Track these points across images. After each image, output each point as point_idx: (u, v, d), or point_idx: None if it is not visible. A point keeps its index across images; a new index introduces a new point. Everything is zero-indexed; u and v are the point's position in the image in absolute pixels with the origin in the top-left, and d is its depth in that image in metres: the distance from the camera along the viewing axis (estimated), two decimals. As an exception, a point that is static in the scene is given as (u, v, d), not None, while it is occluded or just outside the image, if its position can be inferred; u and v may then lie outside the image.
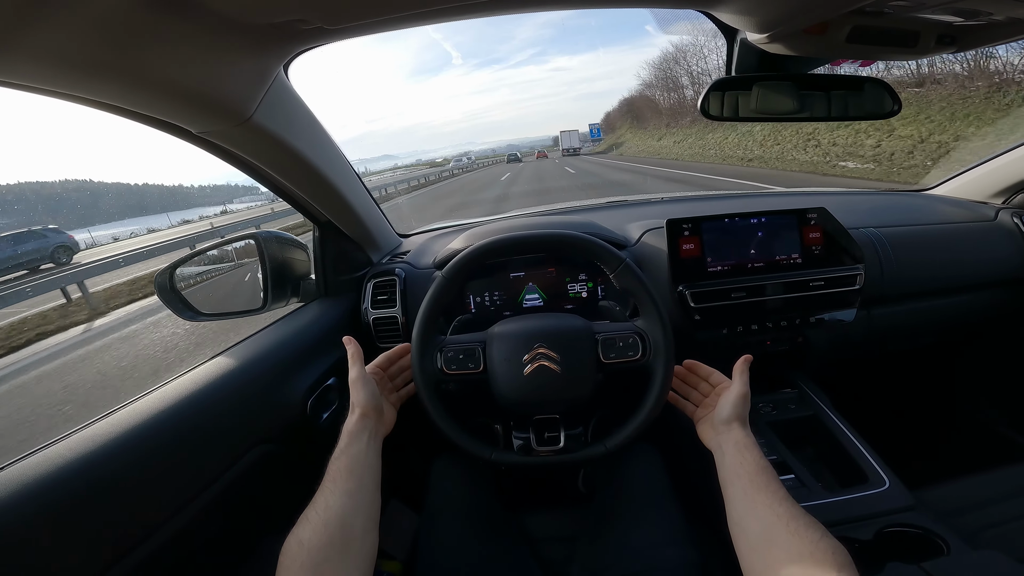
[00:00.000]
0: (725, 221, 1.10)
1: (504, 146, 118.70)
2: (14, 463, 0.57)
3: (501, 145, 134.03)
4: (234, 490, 0.76)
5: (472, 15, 0.64)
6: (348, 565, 0.57)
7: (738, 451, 0.68)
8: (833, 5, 0.60)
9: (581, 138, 58.49)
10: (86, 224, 45.73)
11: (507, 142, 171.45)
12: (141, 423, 0.67)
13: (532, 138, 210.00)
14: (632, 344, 0.80)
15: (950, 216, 1.38)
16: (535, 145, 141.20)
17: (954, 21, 0.68)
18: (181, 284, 0.97)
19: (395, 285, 1.14)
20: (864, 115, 0.90)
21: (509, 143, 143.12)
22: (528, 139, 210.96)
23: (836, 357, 1.31)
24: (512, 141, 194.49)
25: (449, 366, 0.81)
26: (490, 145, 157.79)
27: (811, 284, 1.06)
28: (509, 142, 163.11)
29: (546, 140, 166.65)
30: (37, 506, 0.53)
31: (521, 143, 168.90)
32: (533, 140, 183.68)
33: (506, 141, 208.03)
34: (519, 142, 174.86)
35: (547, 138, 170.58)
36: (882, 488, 0.90)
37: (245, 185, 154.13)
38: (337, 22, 0.59)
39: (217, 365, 0.84)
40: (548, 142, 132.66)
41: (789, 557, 0.53)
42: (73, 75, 0.52)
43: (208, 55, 0.58)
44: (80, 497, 0.57)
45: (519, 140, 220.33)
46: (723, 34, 0.83)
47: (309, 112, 0.89)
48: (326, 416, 0.96)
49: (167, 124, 0.69)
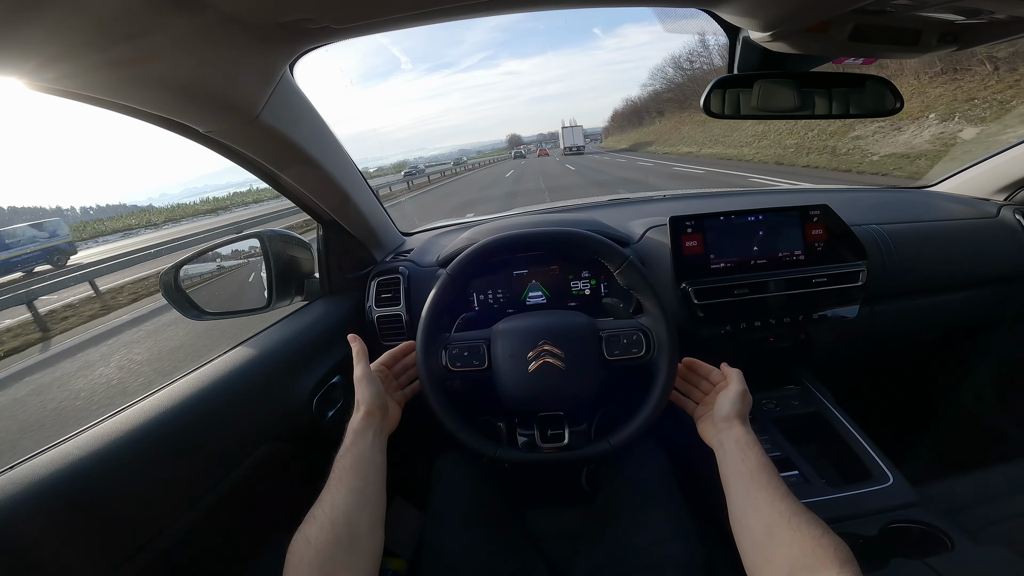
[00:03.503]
0: (729, 218, 1.10)
1: (456, 151, 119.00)
2: (21, 463, 0.58)
3: (453, 151, 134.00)
4: (241, 488, 0.76)
5: (478, 14, 0.64)
6: (355, 563, 0.58)
7: (739, 448, 0.68)
8: (835, 4, 0.60)
9: (586, 134, 57.04)
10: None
11: (459, 147, 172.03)
12: (148, 422, 0.67)
13: (484, 142, 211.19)
14: (636, 341, 0.81)
15: (952, 213, 1.38)
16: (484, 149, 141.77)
17: (955, 20, 0.68)
18: (186, 283, 0.97)
19: (399, 283, 1.15)
20: (866, 112, 0.90)
21: (461, 148, 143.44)
22: (480, 143, 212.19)
23: (839, 354, 1.31)
24: (464, 146, 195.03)
25: (454, 363, 0.82)
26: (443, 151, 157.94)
27: (814, 281, 1.06)
28: (461, 147, 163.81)
29: (499, 144, 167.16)
30: (46, 505, 0.54)
31: (473, 148, 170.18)
32: (484, 144, 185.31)
33: (458, 146, 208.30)
34: (471, 147, 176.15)
35: (500, 142, 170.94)
36: (886, 484, 0.90)
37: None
38: (344, 21, 0.60)
39: (223, 363, 0.84)
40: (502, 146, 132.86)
41: (791, 553, 0.54)
42: (82, 74, 0.53)
43: (217, 54, 0.58)
44: (89, 496, 0.57)
45: (471, 145, 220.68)
46: (725, 33, 0.83)
47: (314, 111, 0.89)
48: (331, 414, 0.97)
49: (174, 123, 0.70)
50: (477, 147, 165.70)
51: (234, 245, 1.10)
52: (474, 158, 68.65)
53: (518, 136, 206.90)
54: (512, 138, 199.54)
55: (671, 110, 44.30)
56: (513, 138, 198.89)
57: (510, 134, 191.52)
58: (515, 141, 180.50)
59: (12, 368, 5.26)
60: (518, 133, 62.75)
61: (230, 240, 1.08)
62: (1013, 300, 1.33)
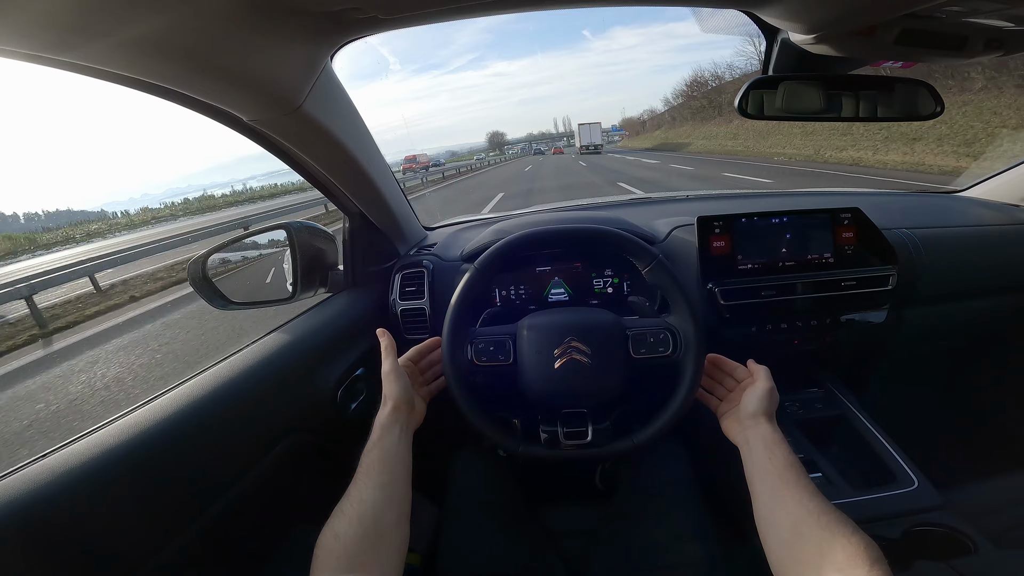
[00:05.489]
0: (756, 220, 1.09)
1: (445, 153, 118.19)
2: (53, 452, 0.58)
3: (441, 152, 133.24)
4: (267, 479, 0.77)
5: (522, 8, 0.63)
6: (382, 558, 0.58)
7: (766, 446, 0.67)
8: (887, 8, 0.59)
9: (603, 133, 56.06)
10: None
11: (448, 148, 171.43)
12: (176, 413, 0.67)
13: (471, 144, 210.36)
14: (663, 340, 0.80)
15: (982, 218, 1.36)
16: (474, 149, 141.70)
17: (1003, 26, 0.67)
18: (212, 273, 0.98)
19: (423, 277, 1.15)
20: (898, 116, 0.89)
21: (449, 149, 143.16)
22: (468, 144, 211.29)
23: (865, 357, 1.30)
24: (453, 147, 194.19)
25: (479, 358, 0.82)
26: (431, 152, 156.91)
27: (843, 284, 1.05)
28: (450, 148, 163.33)
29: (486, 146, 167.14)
30: (82, 495, 0.54)
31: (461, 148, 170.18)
32: (473, 146, 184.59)
33: (447, 147, 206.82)
34: (459, 148, 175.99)
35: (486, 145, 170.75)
36: (911, 488, 0.90)
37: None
38: (391, 12, 0.59)
39: (249, 354, 0.85)
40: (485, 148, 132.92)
41: (820, 552, 0.53)
42: (126, 54, 0.52)
43: (266, 42, 0.58)
44: (116, 489, 0.57)
45: (459, 146, 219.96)
46: (763, 34, 0.82)
47: (351, 102, 0.89)
48: (354, 406, 0.97)
49: (219, 112, 0.69)
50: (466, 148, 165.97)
51: (260, 236, 1.11)
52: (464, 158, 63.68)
53: (501, 134, 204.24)
54: (493, 136, 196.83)
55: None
56: (494, 136, 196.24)
57: (491, 131, 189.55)
58: (497, 141, 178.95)
59: None
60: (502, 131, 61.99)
61: (257, 231, 1.09)
62: None
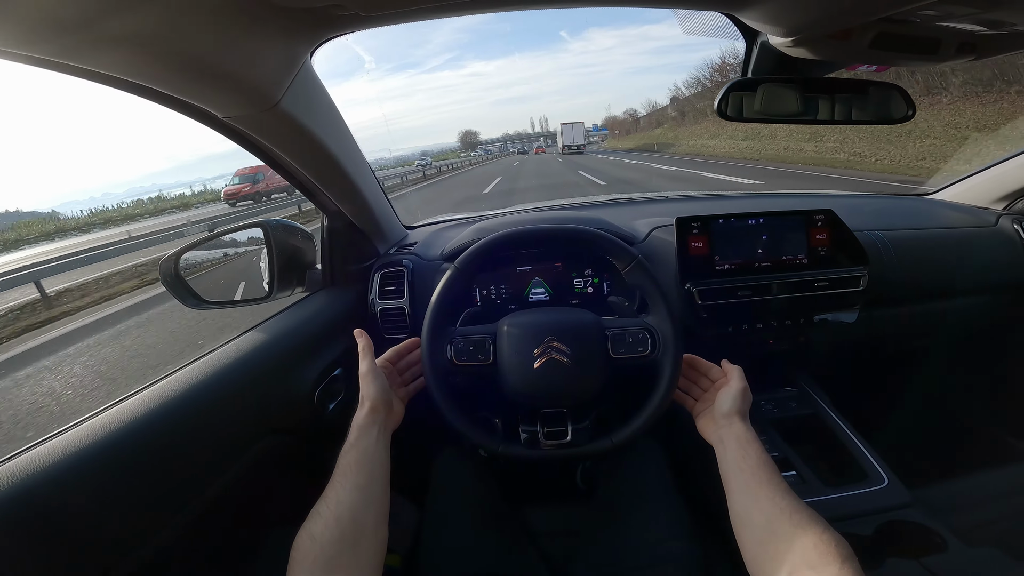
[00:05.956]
0: (733, 221, 1.10)
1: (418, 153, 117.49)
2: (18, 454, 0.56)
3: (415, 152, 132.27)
4: (243, 480, 0.75)
5: (507, 7, 0.63)
6: (360, 560, 0.58)
7: (739, 445, 0.68)
8: (862, 11, 0.60)
9: (586, 133, 55.85)
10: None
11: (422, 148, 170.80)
12: (150, 412, 0.66)
13: (446, 144, 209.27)
14: (641, 340, 0.81)
15: (952, 221, 1.40)
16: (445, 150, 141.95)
17: (976, 30, 0.69)
18: (186, 271, 0.96)
19: (403, 276, 1.14)
20: (872, 119, 0.90)
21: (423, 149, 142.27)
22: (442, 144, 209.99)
23: (837, 357, 1.32)
24: (427, 147, 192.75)
25: (459, 357, 0.81)
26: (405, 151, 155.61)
27: (816, 284, 1.07)
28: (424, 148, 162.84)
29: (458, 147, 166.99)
30: (38, 500, 0.52)
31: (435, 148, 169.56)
32: (446, 146, 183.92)
33: (421, 147, 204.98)
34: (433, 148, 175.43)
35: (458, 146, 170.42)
36: (881, 485, 0.92)
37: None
38: (373, 9, 0.58)
39: (226, 353, 0.83)
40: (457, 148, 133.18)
41: (793, 549, 0.54)
42: (97, 48, 0.50)
43: (244, 38, 0.56)
44: (89, 489, 0.56)
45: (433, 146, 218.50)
46: (743, 36, 0.83)
47: (330, 100, 0.88)
48: (332, 407, 0.96)
49: (193, 108, 0.68)
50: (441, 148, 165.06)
51: (236, 234, 1.08)
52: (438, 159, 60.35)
53: (474, 133, 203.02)
54: (465, 135, 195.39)
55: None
56: (466, 136, 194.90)
57: (464, 130, 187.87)
58: (469, 141, 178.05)
59: None
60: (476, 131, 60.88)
61: (232, 229, 1.06)
62: (1007, 309, 1.35)
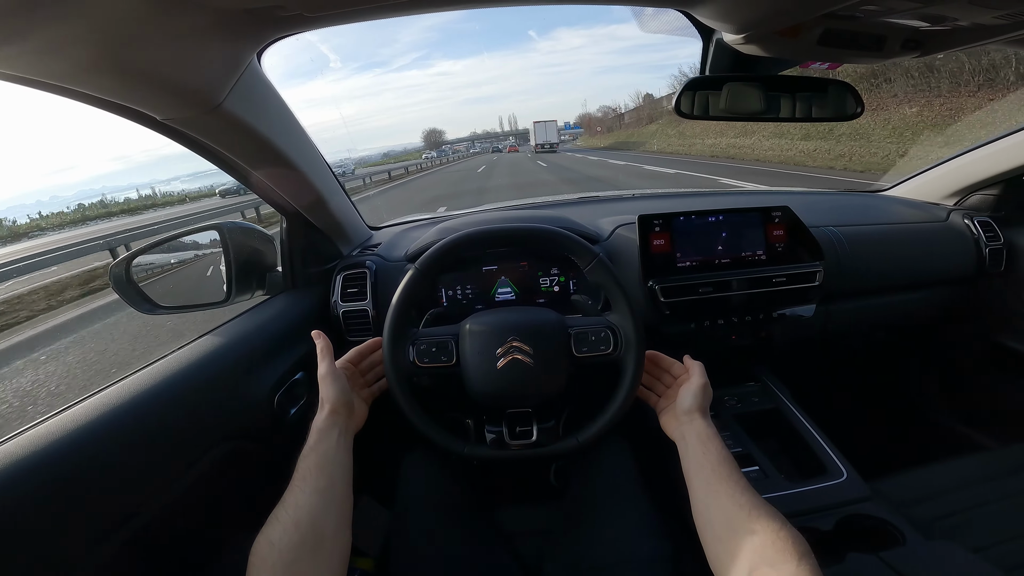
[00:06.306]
0: (694, 218, 1.11)
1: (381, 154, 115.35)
2: None
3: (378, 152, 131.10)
4: (199, 488, 0.73)
5: (457, 6, 0.62)
6: (320, 565, 0.56)
7: (700, 442, 0.69)
8: (807, 8, 0.61)
9: (559, 131, 56.01)
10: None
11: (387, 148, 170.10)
12: (99, 419, 0.63)
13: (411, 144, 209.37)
14: (604, 338, 0.81)
15: (905, 216, 1.44)
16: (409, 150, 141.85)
17: (920, 26, 0.70)
18: (138, 276, 0.93)
19: (366, 278, 1.12)
20: (829, 116, 0.92)
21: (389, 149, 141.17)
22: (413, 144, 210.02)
23: (796, 351, 1.35)
24: (392, 148, 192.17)
25: (422, 359, 0.80)
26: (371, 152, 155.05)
27: (774, 280, 1.09)
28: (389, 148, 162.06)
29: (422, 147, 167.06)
30: None
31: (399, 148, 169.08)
32: (411, 146, 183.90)
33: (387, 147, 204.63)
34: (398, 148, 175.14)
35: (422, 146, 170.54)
36: (840, 479, 0.94)
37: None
38: (316, 9, 0.57)
39: (178, 359, 0.80)
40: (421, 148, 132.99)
41: (751, 546, 0.55)
42: (25, 57, 0.49)
43: (178, 40, 0.55)
44: (32, 498, 0.53)
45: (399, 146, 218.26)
46: (699, 34, 0.84)
47: (282, 101, 0.86)
48: (294, 411, 0.94)
49: (129, 110, 0.66)
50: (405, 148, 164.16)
51: (191, 237, 1.05)
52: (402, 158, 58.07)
53: (440, 132, 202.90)
54: (429, 135, 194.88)
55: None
56: (431, 135, 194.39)
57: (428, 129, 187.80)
58: (434, 140, 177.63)
59: None
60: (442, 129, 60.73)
61: (187, 232, 1.03)
62: (959, 302, 1.40)
